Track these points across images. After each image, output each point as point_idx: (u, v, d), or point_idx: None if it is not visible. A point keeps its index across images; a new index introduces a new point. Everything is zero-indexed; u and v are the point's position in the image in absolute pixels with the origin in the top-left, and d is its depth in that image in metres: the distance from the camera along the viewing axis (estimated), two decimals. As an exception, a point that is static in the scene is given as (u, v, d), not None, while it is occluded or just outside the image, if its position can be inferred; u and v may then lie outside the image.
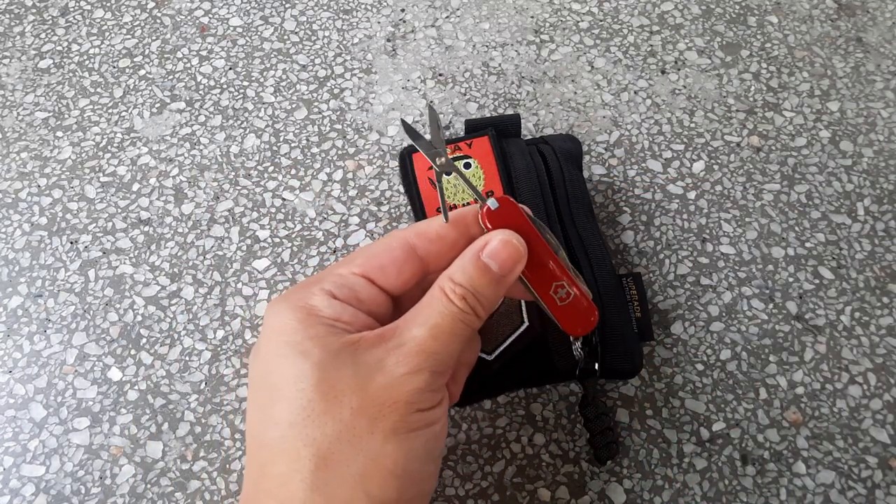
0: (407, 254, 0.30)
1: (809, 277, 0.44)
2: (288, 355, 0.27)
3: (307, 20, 0.54)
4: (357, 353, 0.27)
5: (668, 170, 0.48)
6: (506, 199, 0.30)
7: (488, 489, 0.38)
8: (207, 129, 0.49)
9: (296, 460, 0.26)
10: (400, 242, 0.30)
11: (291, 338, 0.27)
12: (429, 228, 0.30)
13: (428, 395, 0.27)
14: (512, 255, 0.28)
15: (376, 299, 0.30)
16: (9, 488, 0.38)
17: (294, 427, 0.26)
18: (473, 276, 0.28)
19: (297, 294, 0.29)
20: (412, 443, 0.27)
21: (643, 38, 0.54)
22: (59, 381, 0.41)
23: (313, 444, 0.26)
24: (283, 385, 0.27)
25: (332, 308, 0.28)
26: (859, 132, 0.49)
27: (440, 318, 0.27)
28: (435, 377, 0.27)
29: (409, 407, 0.26)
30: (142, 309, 0.43)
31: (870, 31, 0.54)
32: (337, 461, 0.26)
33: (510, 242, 0.28)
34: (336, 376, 0.26)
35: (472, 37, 0.54)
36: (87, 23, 0.55)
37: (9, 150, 0.49)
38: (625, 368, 0.38)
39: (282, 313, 0.28)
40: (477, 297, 0.28)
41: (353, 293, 0.29)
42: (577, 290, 0.30)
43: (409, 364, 0.27)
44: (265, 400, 0.28)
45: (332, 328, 0.27)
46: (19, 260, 0.45)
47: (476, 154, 0.40)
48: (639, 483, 0.38)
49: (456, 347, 0.28)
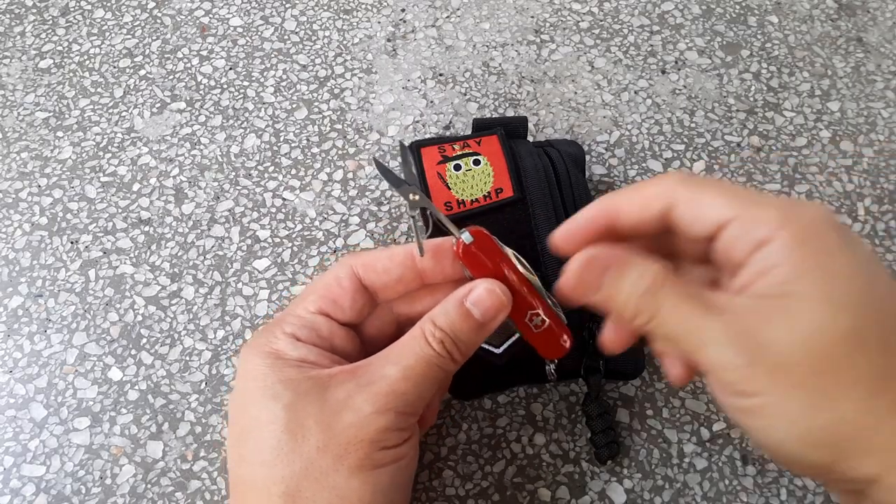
0: (355, 285, 0.31)
1: (810, 277, 0.44)
2: (260, 399, 0.28)
3: (307, 20, 0.54)
4: (326, 391, 0.28)
5: (668, 170, 0.48)
6: (479, 231, 0.30)
7: (488, 489, 0.38)
8: (208, 129, 0.49)
9: (266, 498, 0.27)
10: (347, 273, 0.31)
11: (263, 382, 0.28)
12: (376, 262, 0.31)
13: (394, 434, 0.28)
14: (495, 305, 0.29)
15: (338, 333, 0.31)
16: (9, 488, 0.38)
17: (264, 466, 0.27)
18: (455, 321, 0.29)
19: (262, 339, 0.30)
20: (378, 478, 0.27)
21: (643, 38, 0.54)
22: (59, 381, 0.41)
23: (282, 482, 0.27)
24: (255, 427, 0.28)
25: (297, 350, 0.29)
26: (860, 132, 0.49)
27: (414, 361, 0.28)
28: (402, 418, 0.28)
29: (373, 445, 0.27)
30: (142, 309, 0.43)
31: (870, 31, 0.54)
32: (305, 498, 0.27)
33: (494, 291, 0.29)
34: (304, 415, 0.27)
35: (472, 37, 0.54)
36: (88, 23, 0.55)
37: (9, 150, 0.49)
38: (627, 369, 0.38)
39: (251, 359, 0.29)
40: (456, 342, 0.28)
41: (314, 332, 0.30)
42: (551, 317, 0.30)
43: (376, 403, 0.27)
44: (240, 441, 0.29)
45: (301, 369, 0.28)
46: (20, 260, 0.45)
47: (485, 151, 0.40)
48: (639, 483, 0.38)
49: (427, 389, 0.29)
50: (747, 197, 0.25)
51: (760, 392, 0.24)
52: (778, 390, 0.23)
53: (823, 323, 0.23)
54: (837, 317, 0.23)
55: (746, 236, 0.24)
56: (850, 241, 0.24)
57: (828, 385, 0.23)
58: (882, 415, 0.22)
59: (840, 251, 0.24)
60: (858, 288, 0.23)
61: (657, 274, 0.25)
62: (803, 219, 0.24)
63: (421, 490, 0.38)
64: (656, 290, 0.25)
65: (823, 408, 0.23)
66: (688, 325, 0.25)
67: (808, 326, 0.23)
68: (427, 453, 0.39)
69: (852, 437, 0.23)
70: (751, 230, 0.24)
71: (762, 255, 0.24)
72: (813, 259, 0.23)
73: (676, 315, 0.25)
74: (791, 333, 0.23)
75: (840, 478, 0.24)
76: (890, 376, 0.23)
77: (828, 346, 0.23)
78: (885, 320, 0.23)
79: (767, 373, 0.23)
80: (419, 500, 0.38)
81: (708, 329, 0.24)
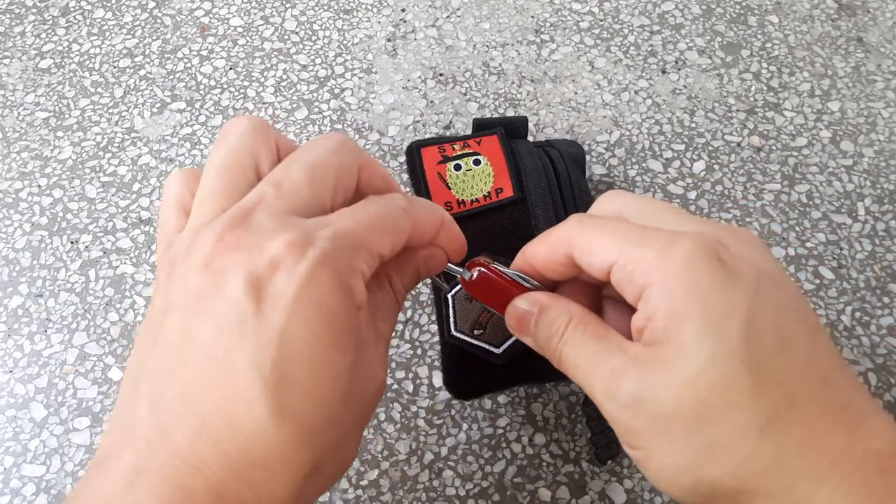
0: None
1: (810, 277, 0.44)
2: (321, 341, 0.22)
3: (308, 20, 0.54)
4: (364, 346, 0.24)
5: (668, 170, 0.48)
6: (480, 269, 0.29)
7: (489, 489, 0.38)
8: (208, 129, 0.49)
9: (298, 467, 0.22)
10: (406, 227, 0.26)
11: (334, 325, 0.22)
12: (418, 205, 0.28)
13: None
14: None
15: None
16: (9, 488, 0.38)
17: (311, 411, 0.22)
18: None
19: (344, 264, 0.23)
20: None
21: (644, 38, 0.54)
22: (59, 381, 0.41)
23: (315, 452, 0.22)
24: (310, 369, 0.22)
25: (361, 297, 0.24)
26: (860, 132, 0.49)
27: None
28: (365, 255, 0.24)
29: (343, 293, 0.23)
30: (142, 309, 0.43)
31: (870, 31, 0.54)
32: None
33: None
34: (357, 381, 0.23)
35: (472, 37, 0.54)
36: (88, 23, 0.55)
37: (9, 150, 0.49)
38: None
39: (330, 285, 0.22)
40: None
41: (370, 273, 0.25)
42: None
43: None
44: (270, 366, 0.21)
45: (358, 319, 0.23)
46: (20, 260, 0.45)
47: (485, 151, 0.40)
48: (639, 483, 0.38)
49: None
50: (631, 236, 0.24)
51: (642, 446, 0.23)
52: (659, 443, 0.23)
53: (699, 371, 0.22)
54: (713, 364, 0.22)
55: (628, 279, 0.24)
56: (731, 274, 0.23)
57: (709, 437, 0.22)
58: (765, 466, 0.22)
59: (715, 288, 0.22)
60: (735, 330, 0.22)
61: (564, 321, 0.26)
62: (676, 258, 0.23)
63: (421, 490, 0.38)
64: (560, 336, 0.25)
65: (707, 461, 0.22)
66: (583, 373, 0.25)
67: (684, 376, 0.22)
68: (427, 453, 0.39)
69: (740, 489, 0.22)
70: (631, 272, 0.24)
71: (644, 300, 0.23)
72: (686, 301, 0.22)
73: (575, 362, 0.25)
74: (668, 383, 0.22)
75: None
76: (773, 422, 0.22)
77: (705, 396, 0.22)
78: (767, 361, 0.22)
79: (647, 426, 0.23)
80: (419, 500, 0.38)
81: (597, 379, 0.24)
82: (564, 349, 0.25)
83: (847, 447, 0.22)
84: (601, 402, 0.24)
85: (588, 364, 0.25)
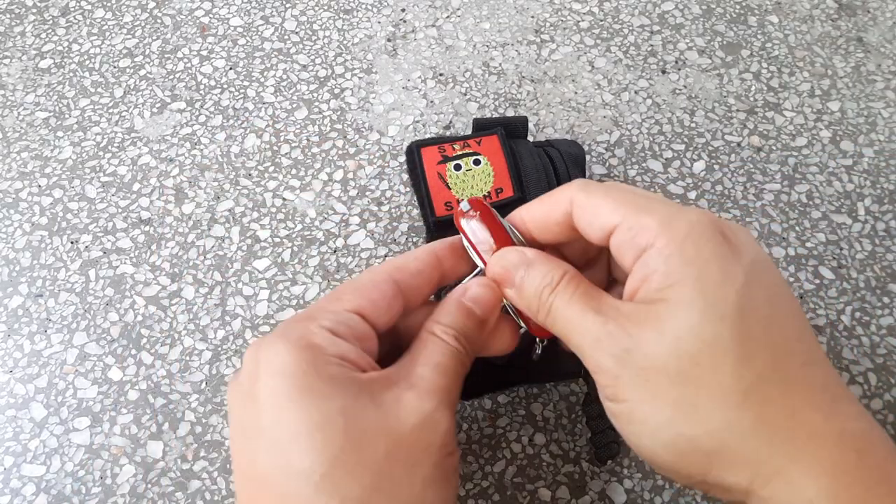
0: (394, 288, 0.28)
1: (810, 277, 0.44)
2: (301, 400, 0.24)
3: (308, 20, 0.54)
4: (374, 395, 0.25)
5: (668, 170, 0.48)
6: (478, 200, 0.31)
7: (489, 489, 0.38)
8: (208, 129, 0.49)
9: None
10: (384, 276, 0.29)
11: (303, 381, 0.24)
12: (407, 264, 0.29)
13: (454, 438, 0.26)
14: (493, 299, 0.29)
15: (370, 337, 0.27)
16: (9, 488, 0.38)
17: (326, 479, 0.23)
18: (458, 318, 0.28)
19: (296, 332, 0.26)
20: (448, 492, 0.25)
21: (644, 38, 0.54)
22: (59, 381, 0.41)
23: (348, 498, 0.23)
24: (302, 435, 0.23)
25: (336, 346, 0.25)
26: (860, 132, 0.49)
27: (441, 357, 0.27)
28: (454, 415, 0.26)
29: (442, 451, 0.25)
30: (142, 309, 0.43)
31: (870, 31, 0.54)
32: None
33: (489, 285, 0.29)
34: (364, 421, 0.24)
35: (472, 37, 0.54)
36: (88, 23, 0.55)
37: (9, 150, 0.49)
38: None
39: (282, 353, 0.25)
40: (466, 337, 0.28)
41: (351, 330, 0.27)
42: None
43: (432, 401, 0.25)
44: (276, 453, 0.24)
45: (343, 368, 0.25)
46: (20, 260, 0.45)
47: (485, 151, 0.40)
48: (639, 483, 0.38)
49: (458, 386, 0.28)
50: (635, 202, 0.25)
51: (627, 398, 0.24)
52: (643, 397, 0.23)
53: (690, 329, 0.22)
54: (704, 324, 0.22)
55: (630, 242, 0.25)
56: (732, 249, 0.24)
57: (693, 394, 0.22)
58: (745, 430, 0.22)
59: (715, 259, 0.23)
60: (730, 297, 0.23)
61: (558, 273, 0.27)
62: (681, 226, 0.24)
63: (421, 490, 0.38)
64: (554, 287, 0.26)
65: (688, 418, 0.23)
66: (573, 324, 0.25)
67: (674, 332, 0.23)
68: (427, 453, 0.39)
69: (718, 450, 0.22)
70: (634, 236, 0.25)
71: (642, 262, 0.24)
72: (686, 266, 0.23)
73: (565, 313, 0.26)
74: (659, 338, 0.23)
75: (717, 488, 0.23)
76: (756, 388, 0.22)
77: (693, 354, 0.22)
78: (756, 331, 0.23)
79: (634, 378, 0.23)
80: (419, 499, 0.38)
81: (588, 330, 0.25)
82: (556, 301, 0.26)
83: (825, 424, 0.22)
84: (589, 353, 0.25)
85: (579, 317, 0.25)
